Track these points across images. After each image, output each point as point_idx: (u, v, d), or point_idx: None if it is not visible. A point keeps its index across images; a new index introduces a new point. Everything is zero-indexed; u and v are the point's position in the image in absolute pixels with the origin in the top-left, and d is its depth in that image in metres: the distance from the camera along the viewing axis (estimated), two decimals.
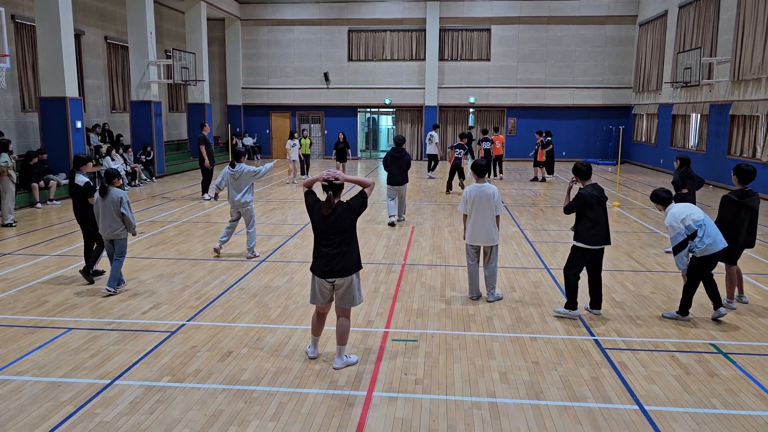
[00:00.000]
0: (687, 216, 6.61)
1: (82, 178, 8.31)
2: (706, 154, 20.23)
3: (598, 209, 6.76)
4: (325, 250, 5.41)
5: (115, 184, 7.87)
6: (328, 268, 5.38)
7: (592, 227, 6.75)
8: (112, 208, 7.68)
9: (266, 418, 4.66)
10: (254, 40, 29.09)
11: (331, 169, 5.51)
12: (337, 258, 5.37)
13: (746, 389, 5.21)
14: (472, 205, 7.40)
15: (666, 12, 23.93)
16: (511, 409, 4.84)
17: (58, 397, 4.97)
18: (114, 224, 7.73)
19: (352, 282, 5.44)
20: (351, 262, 5.42)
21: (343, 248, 5.39)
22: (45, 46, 15.32)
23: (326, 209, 5.34)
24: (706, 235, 6.57)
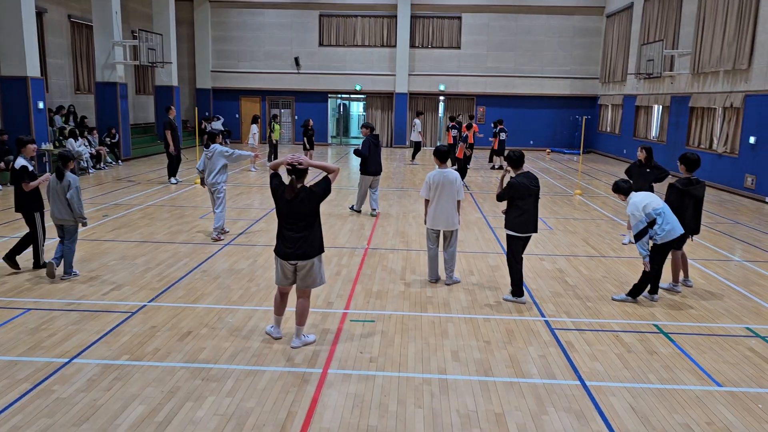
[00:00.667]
0: (647, 204, 6.91)
1: (20, 161, 7.87)
2: (666, 145, 20.76)
3: (529, 198, 6.93)
4: (288, 234, 5.52)
5: (69, 167, 7.67)
6: (291, 250, 5.51)
7: (521, 215, 6.94)
8: (62, 193, 7.52)
9: (222, 394, 4.80)
10: (224, 22, 28.76)
11: (296, 154, 5.62)
12: (299, 241, 5.49)
13: (681, 366, 5.51)
14: (435, 190, 7.57)
15: (632, 4, 24.34)
16: (460, 385, 5.05)
17: (15, 375, 5.03)
18: (63, 209, 7.56)
19: (313, 265, 5.57)
20: (313, 245, 5.54)
21: (306, 232, 5.50)
22: (5, 24, 15.01)
23: (289, 193, 5.44)
24: (665, 222, 6.89)
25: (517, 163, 7.07)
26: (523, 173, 7.05)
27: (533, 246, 9.93)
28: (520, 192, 6.90)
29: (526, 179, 6.96)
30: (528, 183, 6.93)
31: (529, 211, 6.94)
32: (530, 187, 6.92)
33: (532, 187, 6.93)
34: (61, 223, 7.68)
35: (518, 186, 6.91)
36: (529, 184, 6.92)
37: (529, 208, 6.94)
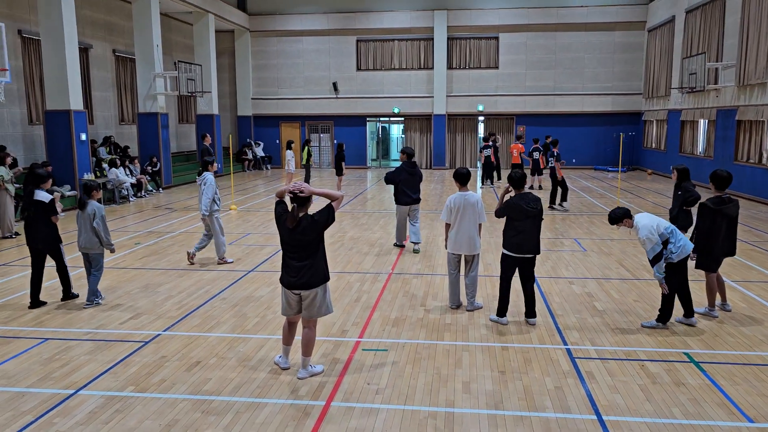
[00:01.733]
0: (658, 225, 6.56)
1: (45, 194, 7.88)
2: (713, 160, 19.95)
3: (525, 220, 6.75)
4: (291, 263, 5.43)
5: (95, 197, 7.83)
6: (294, 279, 5.41)
7: (515, 236, 6.81)
8: (89, 223, 7.69)
9: (220, 427, 4.69)
10: (264, 51, 29.39)
11: (297, 182, 5.54)
12: (302, 270, 5.39)
13: (710, 399, 5.12)
14: (456, 213, 7.39)
15: (673, 17, 23.71)
16: (467, 419, 4.81)
17: (20, 407, 5.05)
18: (90, 238, 7.71)
19: (317, 294, 5.46)
20: (316, 275, 5.43)
21: (309, 261, 5.40)
22: (50, 60, 15.64)
23: (291, 221, 5.36)
24: (678, 239, 6.54)
25: (517, 184, 6.93)
26: (523, 194, 6.89)
27: (563, 269, 9.59)
28: (514, 212, 6.79)
29: (523, 201, 6.79)
30: (524, 204, 6.75)
31: (525, 232, 6.76)
32: (526, 209, 6.74)
33: (528, 209, 6.74)
34: (86, 251, 7.81)
35: (513, 206, 6.81)
36: (525, 206, 6.75)
37: (525, 230, 6.76)
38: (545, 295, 8.20)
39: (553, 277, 9.16)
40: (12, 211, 12.46)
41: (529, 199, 6.82)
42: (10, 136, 16.70)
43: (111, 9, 21.38)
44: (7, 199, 12.20)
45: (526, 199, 6.81)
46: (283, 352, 5.83)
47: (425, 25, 28.12)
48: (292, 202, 5.40)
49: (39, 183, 7.97)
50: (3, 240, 12.18)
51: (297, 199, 5.37)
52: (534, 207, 6.79)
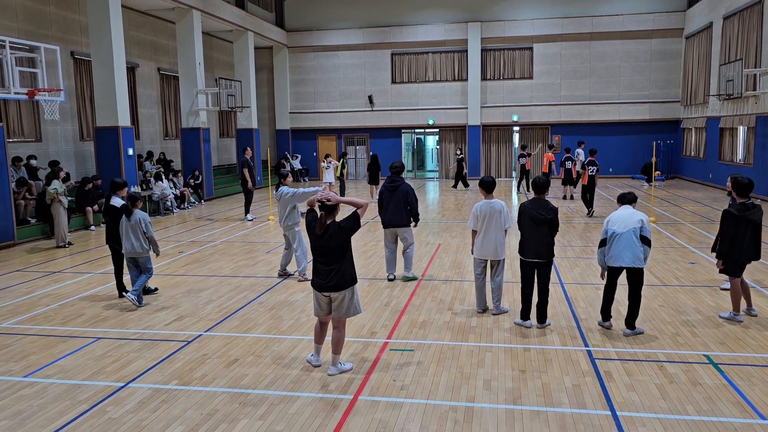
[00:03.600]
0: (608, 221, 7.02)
1: (118, 200, 8.87)
2: (753, 168, 19.67)
3: (533, 225, 7.01)
4: (321, 267, 5.83)
5: (138, 206, 8.49)
6: (323, 282, 5.80)
7: (523, 240, 7.14)
8: (136, 229, 8.32)
9: (255, 417, 5.08)
10: (301, 66, 30.16)
11: (325, 191, 5.94)
12: (331, 274, 5.77)
13: (725, 397, 5.28)
14: (483, 220, 7.66)
15: (711, 24, 23.50)
16: (486, 413, 5.09)
17: (77, 396, 5.54)
18: (136, 243, 8.33)
19: (345, 296, 5.83)
20: (344, 278, 5.80)
21: (337, 265, 5.77)
22: (99, 79, 16.53)
23: (319, 228, 5.75)
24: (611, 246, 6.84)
25: (539, 190, 7.23)
26: (537, 200, 7.14)
27: (592, 276, 9.74)
28: (525, 217, 7.09)
29: (533, 206, 7.05)
30: (535, 211, 7.01)
31: (533, 237, 7.02)
32: (536, 215, 6.99)
33: (538, 215, 6.99)
34: (133, 256, 8.42)
35: (522, 210, 7.16)
36: (535, 212, 7.00)
37: (533, 234, 7.02)
38: (570, 300, 8.39)
39: (581, 283, 9.33)
40: (66, 221, 13.22)
41: (541, 206, 7.05)
42: (63, 151, 17.66)
43: (156, 30, 22.38)
44: (61, 210, 12.96)
45: (538, 206, 7.06)
46: (315, 350, 6.21)
47: (459, 37, 28.47)
48: (321, 210, 5.78)
49: (116, 190, 8.84)
50: (58, 249, 12.93)
51: (325, 207, 5.76)
52: (544, 214, 7.00)
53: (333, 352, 5.97)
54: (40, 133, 16.87)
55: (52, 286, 9.79)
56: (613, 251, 6.83)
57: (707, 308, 7.91)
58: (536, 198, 7.19)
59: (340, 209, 5.89)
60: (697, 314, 7.66)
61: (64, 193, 13.14)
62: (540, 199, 7.18)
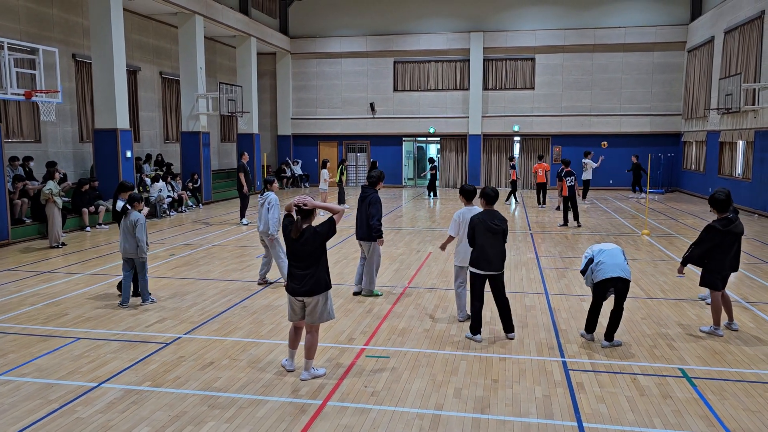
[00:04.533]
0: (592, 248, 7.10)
1: (121, 203, 9.06)
2: (752, 182, 19.62)
3: (488, 235, 6.95)
4: (296, 271, 5.86)
5: (137, 207, 8.55)
6: (298, 287, 5.83)
7: (480, 253, 7.02)
8: (130, 230, 8.40)
9: (222, 420, 5.10)
10: (303, 72, 30.31)
11: (302, 195, 5.96)
12: (305, 279, 5.80)
13: (694, 411, 5.26)
14: (462, 227, 7.67)
15: (713, 38, 23.52)
16: (452, 421, 5.09)
17: (48, 396, 5.57)
18: (130, 245, 8.44)
19: (318, 301, 5.85)
20: (319, 283, 5.82)
21: (311, 270, 5.80)
22: (99, 82, 16.66)
23: (294, 233, 5.78)
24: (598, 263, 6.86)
25: (489, 200, 7.19)
26: (490, 211, 7.11)
27: (577, 287, 9.73)
28: (478, 229, 7.02)
29: (488, 217, 7.01)
30: (489, 221, 6.97)
31: (491, 248, 6.97)
32: (492, 226, 6.95)
33: (494, 226, 6.96)
34: (130, 257, 8.51)
35: (477, 223, 7.05)
36: (490, 223, 6.96)
37: (491, 246, 6.97)
38: (553, 311, 8.38)
39: (565, 294, 9.32)
40: (60, 222, 13.30)
41: (495, 217, 7.03)
42: (62, 152, 17.78)
43: (159, 34, 22.55)
44: (55, 211, 13.04)
45: (492, 217, 7.04)
46: (289, 355, 6.22)
47: (461, 46, 28.57)
48: (297, 215, 5.81)
49: (120, 193, 9.13)
50: (51, 249, 13.01)
51: (301, 212, 5.78)
52: (498, 224, 6.99)
53: (306, 357, 5.98)
54: (39, 133, 17.00)
55: (41, 285, 9.85)
56: (603, 264, 6.81)
57: (689, 322, 7.89)
58: (488, 210, 7.15)
59: (316, 214, 5.92)
60: (678, 328, 7.64)
61: (59, 194, 13.23)
62: (491, 210, 7.15)
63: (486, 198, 7.35)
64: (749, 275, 10.59)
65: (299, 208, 5.78)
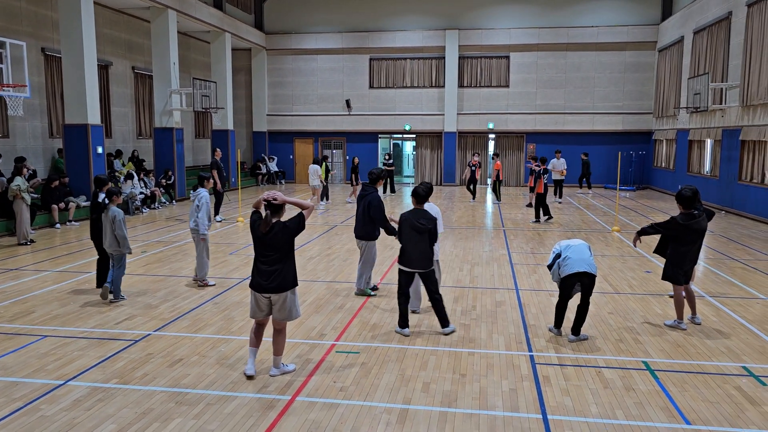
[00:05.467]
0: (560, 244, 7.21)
1: (102, 196, 8.95)
2: (719, 180, 20.04)
3: (413, 233, 7.05)
4: (262, 267, 5.79)
5: (115, 202, 8.51)
6: (266, 283, 5.77)
7: (403, 250, 7.16)
8: (109, 225, 8.36)
9: (189, 416, 5.09)
10: (279, 68, 30.15)
11: (272, 191, 5.95)
12: (273, 275, 5.73)
13: (655, 403, 5.39)
14: None
15: (682, 38, 23.93)
16: (420, 415, 5.14)
17: (12, 394, 5.50)
18: (111, 240, 8.41)
19: (286, 298, 5.80)
20: (286, 279, 5.77)
21: (279, 265, 5.75)
22: (69, 76, 16.40)
23: (263, 227, 5.75)
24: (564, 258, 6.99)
25: (419, 199, 7.27)
26: (416, 210, 7.19)
27: (548, 282, 9.86)
28: (403, 226, 7.15)
29: (414, 216, 7.09)
30: (414, 220, 7.05)
31: (414, 247, 7.05)
32: (416, 224, 7.02)
33: (418, 225, 7.02)
34: (111, 252, 8.50)
35: (403, 221, 7.18)
36: (415, 221, 7.04)
37: (414, 244, 7.05)
38: (523, 307, 8.50)
39: (536, 290, 9.45)
40: (28, 219, 13.08)
41: (421, 216, 7.10)
42: (32, 148, 17.47)
43: (131, 28, 22.25)
44: (23, 207, 12.83)
45: (418, 216, 7.10)
46: (250, 354, 5.98)
47: (437, 44, 28.67)
48: (266, 209, 5.78)
49: (101, 186, 9.03)
50: (19, 246, 12.79)
51: (271, 206, 5.75)
52: (424, 224, 7.03)
53: (275, 354, 5.97)
54: (7, 128, 16.68)
55: (8, 283, 9.69)
56: (569, 260, 6.93)
57: (654, 316, 8.06)
58: (416, 208, 7.23)
59: (285, 210, 5.91)
60: (644, 322, 7.80)
61: (26, 190, 13.01)
62: (420, 209, 7.22)
63: (415, 196, 7.35)
64: (714, 270, 10.83)
65: (269, 202, 5.77)
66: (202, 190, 9.50)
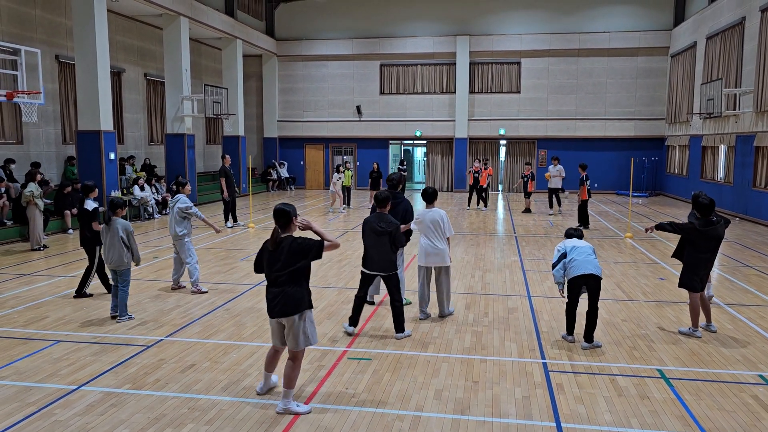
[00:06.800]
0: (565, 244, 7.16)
1: (91, 203, 8.90)
2: (733, 186, 19.86)
3: (373, 236, 7.16)
4: (269, 288, 5.27)
5: (119, 214, 8.13)
6: (271, 305, 5.24)
7: (365, 253, 7.35)
8: (116, 239, 7.98)
9: (202, 422, 5.08)
10: (290, 75, 30.28)
11: (304, 217, 5.37)
12: (278, 297, 5.17)
13: (671, 411, 5.33)
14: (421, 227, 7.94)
15: (695, 43, 23.79)
16: (432, 422, 5.11)
17: (27, 399, 5.53)
18: (117, 255, 8.00)
19: (294, 322, 5.19)
20: (293, 302, 5.15)
21: (282, 288, 5.16)
22: (83, 83, 16.54)
23: (271, 243, 5.19)
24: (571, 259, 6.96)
25: (380, 203, 7.31)
26: (378, 213, 7.28)
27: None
28: (364, 229, 7.31)
29: (375, 220, 7.20)
30: (375, 223, 7.17)
31: (374, 249, 7.18)
32: (376, 228, 7.14)
33: (378, 228, 7.13)
34: (113, 267, 8.08)
35: (364, 224, 7.33)
36: (375, 225, 7.15)
37: (374, 247, 7.18)
38: (535, 313, 8.44)
39: (548, 297, 9.39)
40: (41, 224, 13.19)
41: (382, 220, 7.19)
42: (45, 154, 17.63)
43: (143, 35, 22.44)
44: (36, 213, 12.93)
45: (379, 219, 7.20)
46: (264, 377, 5.70)
47: (448, 50, 28.69)
48: (276, 224, 5.26)
49: (88, 193, 8.92)
50: (32, 252, 12.89)
51: (279, 221, 5.20)
52: (384, 227, 7.13)
53: (284, 386, 5.28)
54: (21, 135, 16.85)
55: (22, 288, 9.76)
56: (575, 261, 6.90)
57: (668, 323, 7.98)
58: (379, 213, 7.30)
59: (296, 227, 5.31)
60: (658, 329, 7.72)
61: (40, 196, 13.11)
62: (381, 213, 7.29)
63: (376, 201, 7.37)
64: (729, 277, 10.73)
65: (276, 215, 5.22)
66: (180, 196, 9.51)
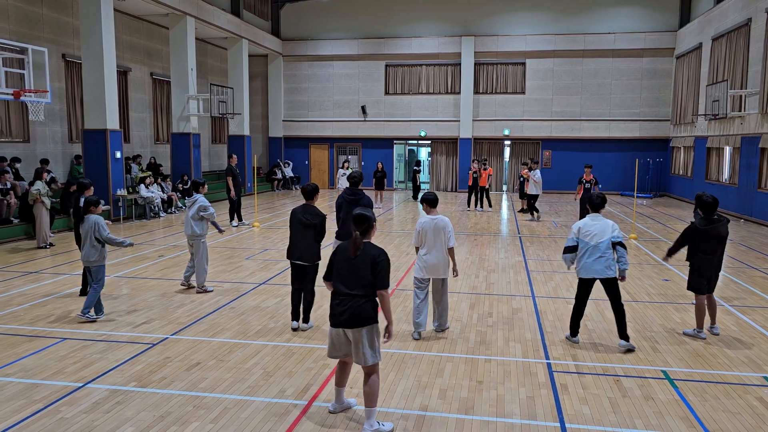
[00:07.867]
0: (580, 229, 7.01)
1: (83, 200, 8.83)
2: (738, 188, 19.81)
3: (299, 227, 7.48)
4: (339, 296, 4.97)
5: (93, 211, 8.01)
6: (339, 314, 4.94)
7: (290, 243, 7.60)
8: (89, 235, 7.90)
9: (207, 420, 5.11)
10: (295, 75, 30.33)
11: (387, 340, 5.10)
12: (347, 306, 4.88)
13: (675, 413, 5.33)
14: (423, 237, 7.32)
15: (701, 44, 23.74)
16: (436, 422, 5.13)
17: (33, 396, 5.56)
18: (90, 251, 7.91)
19: (362, 335, 4.88)
20: (365, 313, 4.89)
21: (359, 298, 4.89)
22: (89, 82, 16.61)
23: (352, 251, 4.95)
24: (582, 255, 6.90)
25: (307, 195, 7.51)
26: (305, 205, 7.53)
27: (565, 290, 9.79)
28: (291, 220, 7.54)
29: (303, 212, 7.47)
30: (302, 215, 7.43)
31: (299, 240, 7.44)
32: (302, 219, 7.41)
33: (304, 220, 7.40)
34: (87, 265, 8.02)
35: (292, 215, 7.55)
36: (302, 216, 7.42)
37: (299, 238, 7.44)
38: (540, 313, 8.45)
39: (552, 297, 9.39)
40: (48, 222, 13.24)
41: (309, 212, 7.44)
42: (51, 153, 17.71)
43: (150, 35, 22.51)
44: (43, 211, 12.99)
45: (306, 212, 7.45)
46: (336, 395, 5.29)
47: (453, 50, 28.69)
48: (356, 230, 5.00)
49: (83, 191, 8.98)
50: (39, 249, 12.95)
51: (359, 227, 5.00)
52: (310, 219, 7.38)
53: (365, 405, 4.93)
54: (28, 133, 16.92)
55: (28, 286, 9.81)
56: (584, 262, 6.89)
57: (673, 324, 7.98)
58: (306, 204, 7.54)
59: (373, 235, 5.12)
60: (662, 330, 7.72)
61: (46, 194, 13.17)
62: (309, 205, 7.52)
63: (303, 193, 7.59)
64: (733, 279, 10.71)
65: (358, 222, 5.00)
66: (198, 196, 9.50)
